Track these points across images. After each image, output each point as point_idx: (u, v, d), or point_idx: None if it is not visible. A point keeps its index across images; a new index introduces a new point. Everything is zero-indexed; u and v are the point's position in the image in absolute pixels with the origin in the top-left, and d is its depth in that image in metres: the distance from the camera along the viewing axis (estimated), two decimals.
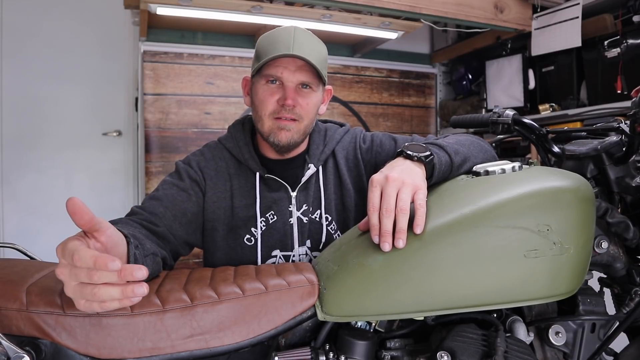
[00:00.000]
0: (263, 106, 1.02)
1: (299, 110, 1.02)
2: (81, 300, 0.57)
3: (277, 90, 1.01)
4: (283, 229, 1.05)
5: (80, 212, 0.56)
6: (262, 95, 1.02)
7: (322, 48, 1.04)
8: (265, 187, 1.07)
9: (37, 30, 2.85)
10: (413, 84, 3.32)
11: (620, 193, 0.89)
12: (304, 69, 1.00)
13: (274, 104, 1.01)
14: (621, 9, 2.21)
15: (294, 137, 1.03)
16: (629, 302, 0.86)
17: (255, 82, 1.05)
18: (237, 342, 0.72)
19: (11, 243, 1.11)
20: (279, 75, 1.00)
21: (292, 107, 1.00)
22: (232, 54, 2.81)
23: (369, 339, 0.74)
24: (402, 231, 0.71)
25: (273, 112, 1.02)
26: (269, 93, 1.02)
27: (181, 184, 1.03)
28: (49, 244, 2.89)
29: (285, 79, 1.00)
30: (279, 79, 1.01)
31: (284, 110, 1.00)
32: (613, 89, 2.26)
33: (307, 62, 0.98)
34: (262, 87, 1.03)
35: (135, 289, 0.53)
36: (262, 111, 1.03)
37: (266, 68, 1.00)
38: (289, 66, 0.99)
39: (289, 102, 0.99)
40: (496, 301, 0.72)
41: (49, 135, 2.90)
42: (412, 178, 0.76)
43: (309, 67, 1.00)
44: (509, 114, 1.00)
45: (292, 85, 1.01)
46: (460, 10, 2.39)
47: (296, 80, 1.01)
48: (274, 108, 1.01)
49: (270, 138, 1.03)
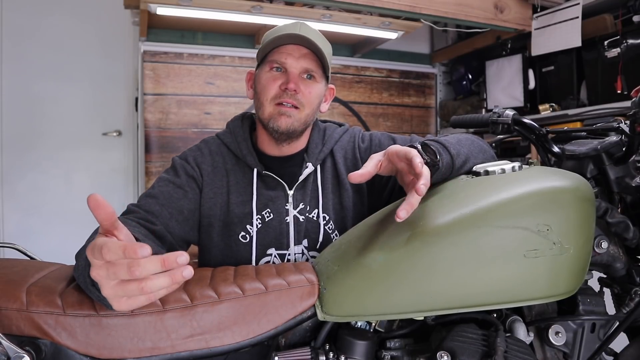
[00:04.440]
0: (265, 91, 1.02)
1: (301, 97, 1.02)
2: (122, 298, 0.55)
3: (280, 76, 1.02)
4: (279, 227, 1.05)
5: (103, 206, 0.54)
6: (264, 81, 1.03)
7: (327, 43, 1.05)
8: (262, 185, 1.06)
9: (37, 30, 2.85)
10: (413, 84, 3.32)
11: (620, 193, 0.89)
12: (308, 57, 1.01)
13: (276, 89, 1.01)
14: (621, 9, 2.21)
15: (294, 125, 1.02)
16: (629, 302, 0.86)
17: (259, 70, 1.06)
18: (237, 342, 0.72)
19: (11, 243, 1.11)
20: (283, 60, 1.01)
21: (295, 93, 1.00)
22: (232, 54, 2.81)
23: (369, 339, 0.74)
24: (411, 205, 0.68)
25: (275, 96, 1.02)
26: (272, 79, 1.02)
27: (177, 181, 1.03)
28: (49, 244, 2.90)
29: (289, 65, 1.01)
30: (282, 64, 1.02)
31: (286, 95, 1.00)
32: (613, 89, 2.26)
33: (312, 45, 0.99)
34: (266, 74, 1.03)
35: (183, 272, 0.51)
36: (263, 97, 1.03)
37: (270, 54, 1.02)
38: (293, 53, 1.01)
39: (291, 85, 1.00)
40: (496, 301, 0.72)
41: (49, 135, 2.90)
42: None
43: (313, 56, 1.01)
44: (508, 114, 1.00)
45: (296, 71, 1.02)
46: (460, 10, 2.39)
47: (300, 67, 1.02)
48: (275, 93, 1.02)
49: (270, 123, 1.02)
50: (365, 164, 0.76)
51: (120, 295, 0.54)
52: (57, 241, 2.75)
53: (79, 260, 0.72)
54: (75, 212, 2.90)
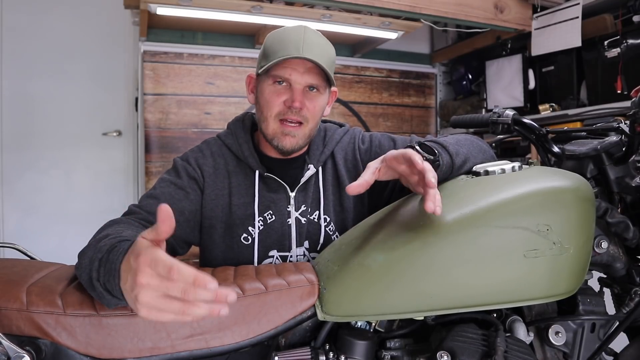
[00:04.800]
0: (269, 107, 1.01)
1: (306, 113, 1.01)
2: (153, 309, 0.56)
3: (284, 91, 1.00)
4: (281, 229, 1.05)
5: (169, 219, 0.56)
6: (268, 96, 1.01)
7: (330, 49, 1.03)
8: (264, 187, 1.06)
9: (37, 30, 2.85)
10: (413, 84, 3.31)
11: (620, 193, 0.89)
12: (312, 71, 0.99)
13: (281, 105, 1.00)
14: (621, 9, 2.21)
15: (298, 143, 1.03)
16: (629, 302, 0.86)
17: (262, 81, 1.04)
18: (237, 342, 0.72)
19: (11, 243, 1.11)
20: (287, 76, 0.99)
21: (299, 110, 0.99)
22: (232, 54, 2.81)
23: (369, 338, 0.74)
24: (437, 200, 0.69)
25: (279, 113, 1.01)
26: (276, 94, 1.00)
27: (179, 182, 1.03)
28: (49, 244, 2.90)
29: (294, 80, 0.99)
30: (287, 80, 1.00)
31: (290, 112, 1.00)
32: (613, 89, 2.26)
33: (316, 64, 0.97)
34: (269, 88, 1.01)
35: (222, 310, 0.54)
36: (267, 112, 1.02)
37: (274, 68, 0.99)
38: (297, 68, 0.98)
39: (296, 104, 0.98)
40: (496, 301, 0.72)
41: (49, 135, 2.90)
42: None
43: (318, 70, 0.99)
44: (508, 114, 1.00)
45: (300, 87, 1.00)
46: (460, 10, 2.38)
47: (304, 83, 1.00)
48: (280, 109, 1.00)
49: (274, 142, 1.03)
50: (363, 174, 0.76)
51: (157, 308, 0.55)
52: (57, 241, 2.75)
53: (83, 257, 0.72)
54: (75, 212, 2.91)
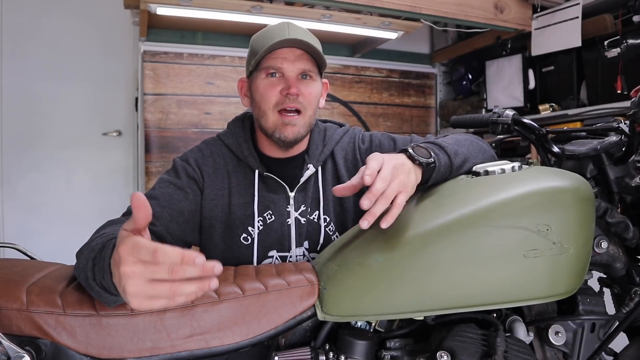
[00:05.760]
0: (265, 99, 1.01)
1: (302, 100, 1.01)
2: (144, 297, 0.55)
3: (278, 82, 1.01)
4: (280, 230, 1.05)
5: (144, 207, 0.55)
6: (263, 89, 1.01)
7: (316, 40, 1.04)
8: (264, 186, 1.06)
9: (37, 30, 2.85)
10: (413, 84, 3.32)
11: (620, 193, 0.89)
12: (303, 58, 1.00)
13: (277, 95, 1.00)
14: (621, 9, 2.21)
15: (300, 132, 1.02)
16: (629, 302, 0.86)
17: (254, 78, 1.04)
18: (237, 342, 0.72)
19: (11, 243, 1.11)
20: (279, 65, 0.99)
21: (297, 96, 0.99)
22: (232, 54, 2.81)
23: (369, 338, 0.74)
24: (373, 214, 0.71)
25: (277, 103, 1.00)
26: (271, 85, 1.01)
27: (178, 182, 1.02)
28: (49, 244, 2.89)
29: (286, 69, 1.00)
30: (279, 70, 1.00)
31: (288, 100, 0.99)
32: (613, 89, 2.26)
33: (304, 45, 0.98)
34: (263, 82, 1.01)
35: (211, 283, 0.53)
36: (265, 105, 1.01)
37: (265, 61, 1.00)
38: (287, 56, 0.99)
39: (293, 90, 0.98)
40: (496, 301, 0.72)
41: (48, 135, 2.90)
42: (406, 178, 0.76)
43: (308, 56, 1.01)
44: (508, 114, 1.00)
45: (293, 74, 1.00)
46: (460, 10, 2.39)
47: (297, 70, 1.00)
48: (277, 100, 1.00)
49: (276, 134, 1.02)
50: (353, 177, 0.76)
51: (146, 295, 0.55)
52: (57, 241, 2.75)
53: (80, 258, 0.72)
54: (75, 212, 2.90)
